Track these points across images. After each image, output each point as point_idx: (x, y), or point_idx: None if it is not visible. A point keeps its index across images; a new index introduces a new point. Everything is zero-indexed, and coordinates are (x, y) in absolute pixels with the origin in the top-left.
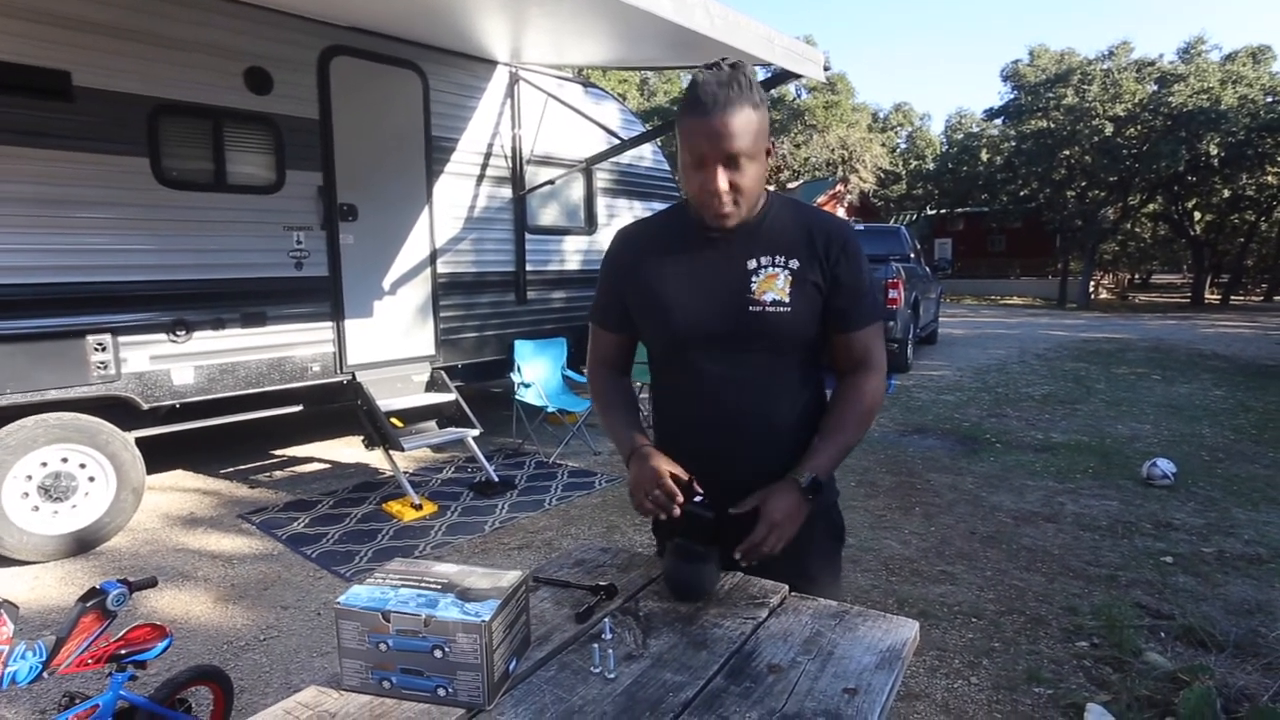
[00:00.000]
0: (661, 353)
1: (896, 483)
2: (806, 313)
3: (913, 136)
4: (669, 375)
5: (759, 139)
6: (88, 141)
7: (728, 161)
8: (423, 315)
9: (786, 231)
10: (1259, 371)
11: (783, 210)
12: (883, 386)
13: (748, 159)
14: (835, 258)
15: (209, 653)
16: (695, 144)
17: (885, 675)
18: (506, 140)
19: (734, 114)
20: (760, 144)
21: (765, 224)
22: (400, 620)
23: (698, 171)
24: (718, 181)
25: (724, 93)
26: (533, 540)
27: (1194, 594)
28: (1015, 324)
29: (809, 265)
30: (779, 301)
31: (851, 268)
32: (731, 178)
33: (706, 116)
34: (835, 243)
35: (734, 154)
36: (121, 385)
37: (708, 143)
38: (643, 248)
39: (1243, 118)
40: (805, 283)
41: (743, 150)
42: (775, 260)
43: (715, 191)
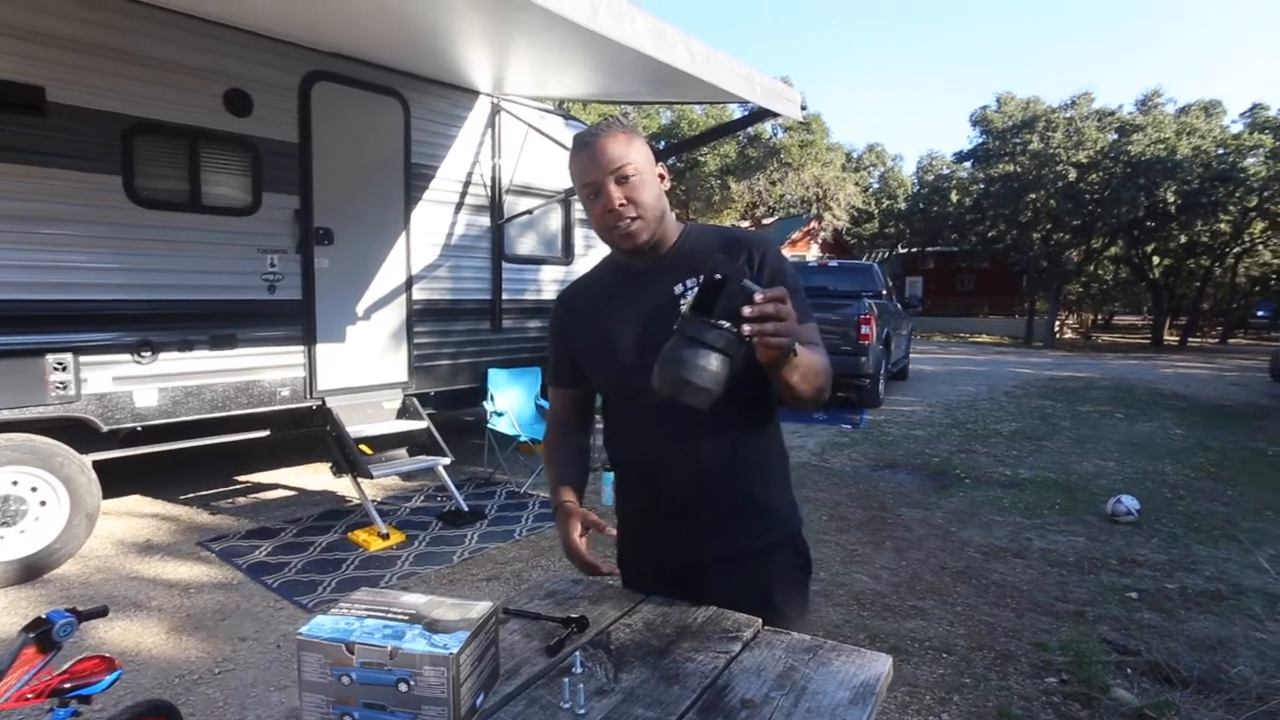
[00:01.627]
0: (612, 395)
1: (868, 517)
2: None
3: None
4: (620, 416)
5: (642, 159)
6: (59, 158)
7: (617, 178)
8: (396, 341)
9: (707, 251)
10: (1216, 411)
11: (702, 235)
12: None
13: (636, 173)
14: (758, 264)
15: (160, 686)
16: (585, 176)
17: (859, 711)
18: (486, 169)
19: (609, 139)
20: (645, 163)
21: (685, 249)
22: (365, 652)
23: (596, 201)
24: (613, 199)
25: (596, 129)
26: (502, 571)
27: (1159, 630)
28: (984, 361)
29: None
30: None
31: (776, 270)
32: (625, 192)
33: (586, 149)
34: (756, 250)
35: (621, 170)
36: (81, 406)
37: (594, 167)
38: (579, 302)
39: (1197, 167)
40: None
41: (630, 165)
42: (700, 280)
43: (613, 208)
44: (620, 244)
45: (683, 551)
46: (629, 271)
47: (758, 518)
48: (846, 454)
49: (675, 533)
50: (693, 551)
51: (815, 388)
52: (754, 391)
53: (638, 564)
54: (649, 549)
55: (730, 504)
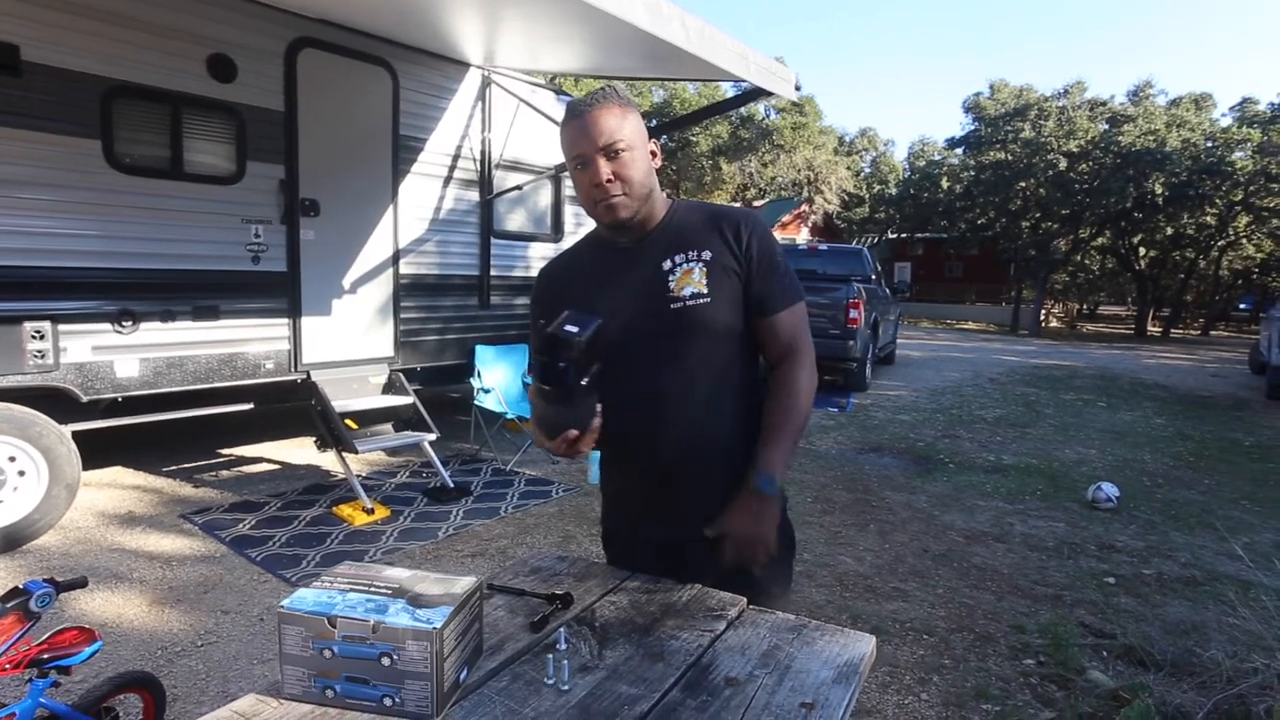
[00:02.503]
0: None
1: (852, 500)
2: (726, 300)
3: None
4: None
5: (634, 134)
6: (35, 120)
7: (607, 153)
8: (383, 316)
9: (694, 227)
10: (1196, 402)
11: (688, 211)
12: (814, 371)
13: (627, 148)
14: (746, 240)
15: (141, 658)
16: (575, 147)
17: (843, 690)
18: (476, 143)
19: (603, 111)
20: (637, 138)
21: (673, 225)
22: (347, 625)
23: (583, 172)
24: (600, 173)
25: (590, 99)
26: (487, 548)
27: (1135, 614)
28: (969, 348)
29: (721, 253)
30: (698, 294)
31: (764, 248)
32: (614, 168)
33: (578, 119)
34: (744, 227)
35: (610, 145)
36: (60, 376)
37: (584, 139)
38: (562, 277)
39: (1185, 160)
40: (721, 270)
41: (619, 140)
42: (688, 255)
43: (600, 182)
44: (603, 218)
45: (668, 529)
46: (615, 247)
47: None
48: (832, 437)
49: (661, 510)
50: (678, 528)
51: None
52: (740, 371)
53: (623, 541)
54: (634, 526)
55: (716, 481)
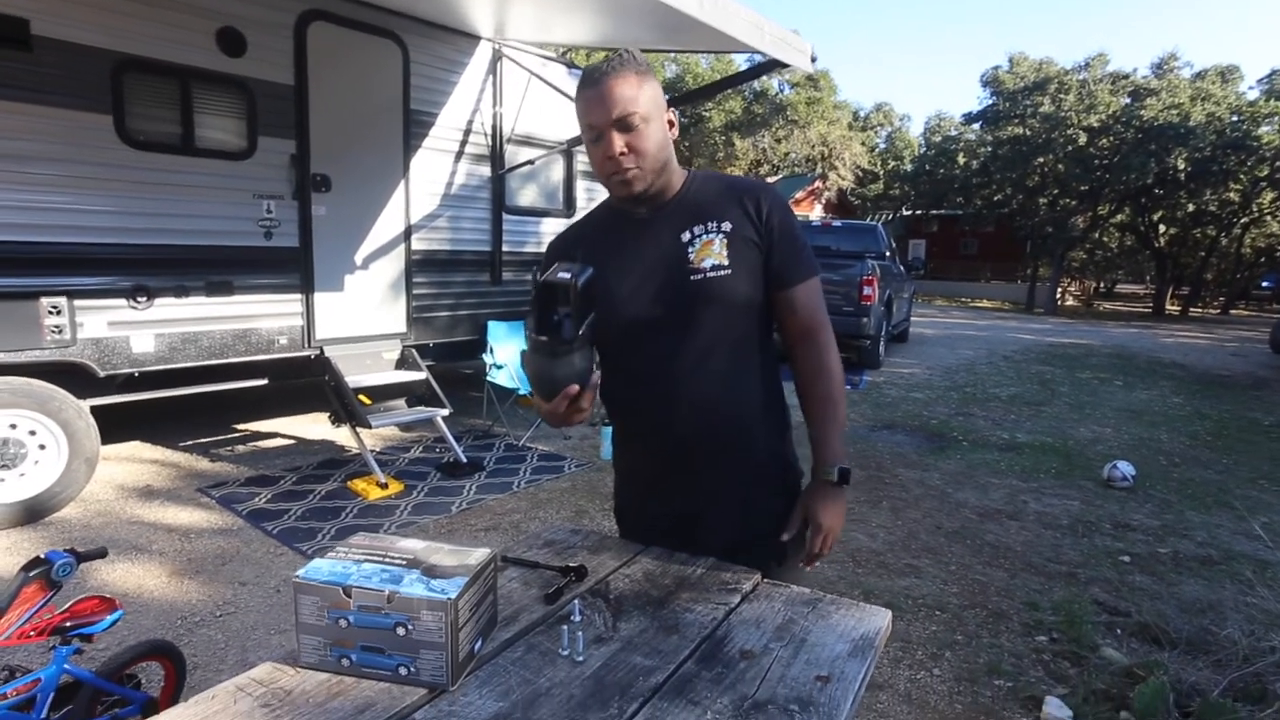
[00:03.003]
0: (611, 343)
1: (865, 477)
2: (746, 272)
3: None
4: (621, 364)
5: (650, 103)
6: (47, 94)
7: (621, 125)
8: (395, 292)
9: (712, 199)
10: (1214, 381)
11: (705, 182)
12: (832, 342)
13: (642, 120)
14: (766, 212)
15: (162, 628)
16: (588, 117)
17: (858, 663)
18: (487, 118)
19: (619, 80)
20: (653, 108)
21: (691, 196)
22: (362, 596)
23: (597, 145)
24: (614, 145)
25: (606, 66)
26: (500, 522)
27: (1149, 592)
28: (984, 326)
29: (741, 224)
30: (719, 265)
31: (784, 220)
32: (628, 140)
33: (591, 88)
34: (764, 199)
35: (625, 117)
36: (77, 351)
37: (598, 110)
38: (576, 248)
39: (1210, 134)
40: (741, 241)
41: (634, 112)
42: (708, 227)
43: (613, 155)
44: (616, 191)
45: (683, 502)
46: (630, 218)
47: (759, 468)
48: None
49: (676, 484)
50: (693, 502)
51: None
52: (756, 343)
53: (636, 515)
54: (649, 500)
55: (732, 454)
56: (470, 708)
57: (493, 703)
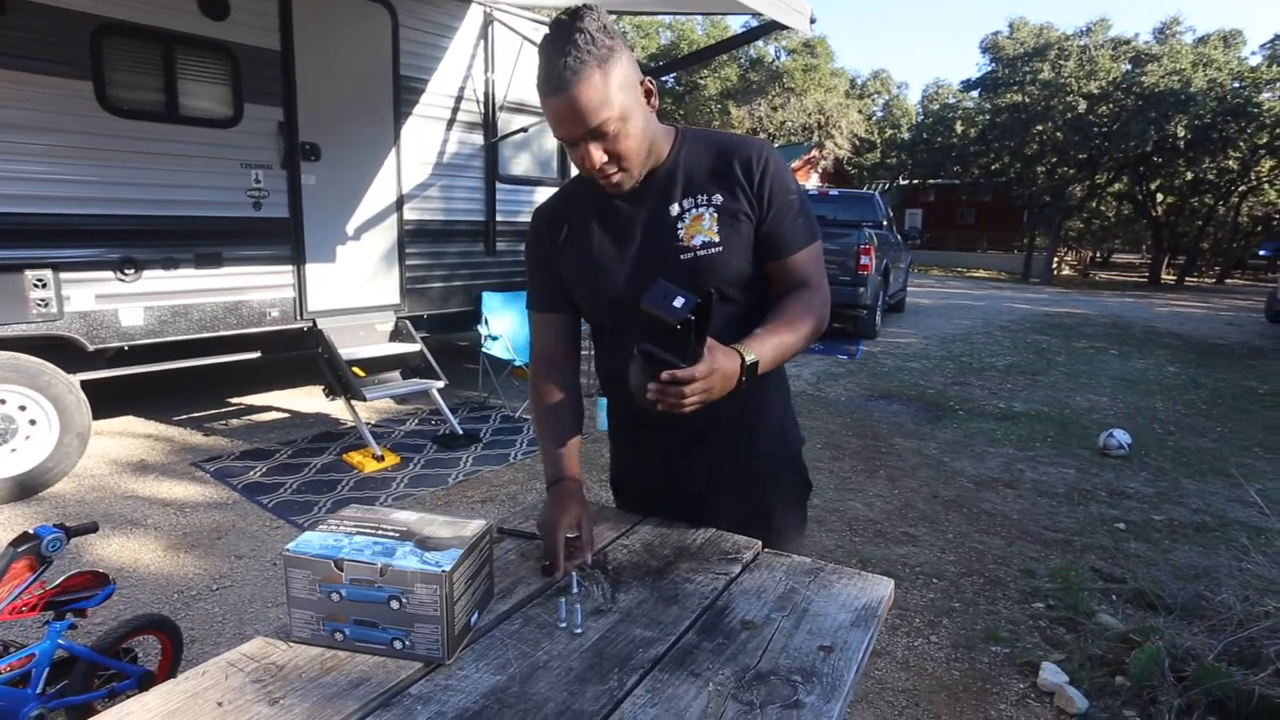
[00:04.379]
0: (600, 322)
1: (862, 446)
2: (739, 247)
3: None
4: (611, 346)
5: (622, 94)
6: (23, 60)
7: (594, 136)
8: (388, 263)
9: (702, 167)
10: (1209, 350)
11: (695, 145)
12: (826, 306)
13: (618, 122)
14: (758, 179)
15: (158, 602)
16: (558, 126)
17: (861, 633)
18: (479, 84)
19: (581, 86)
20: (626, 98)
21: (679, 165)
22: (354, 569)
23: (574, 150)
24: (593, 158)
25: (562, 63)
26: (497, 494)
27: (1145, 559)
28: (980, 295)
29: (732, 196)
30: (709, 242)
31: (778, 185)
32: (607, 147)
33: (556, 96)
34: (756, 162)
35: (597, 128)
36: (64, 325)
37: (569, 124)
38: (562, 217)
39: (1210, 101)
40: (733, 215)
41: (607, 120)
42: (698, 200)
43: (594, 168)
44: (605, 189)
45: (681, 474)
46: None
47: (759, 438)
48: (842, 384)
49: (674, 456)
50: (692, 474)
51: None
52: (752, 312)
53: (634, 487)
54: (646, 472)
55: (730, 425)
56: (467, 681)
57: (490, 676)
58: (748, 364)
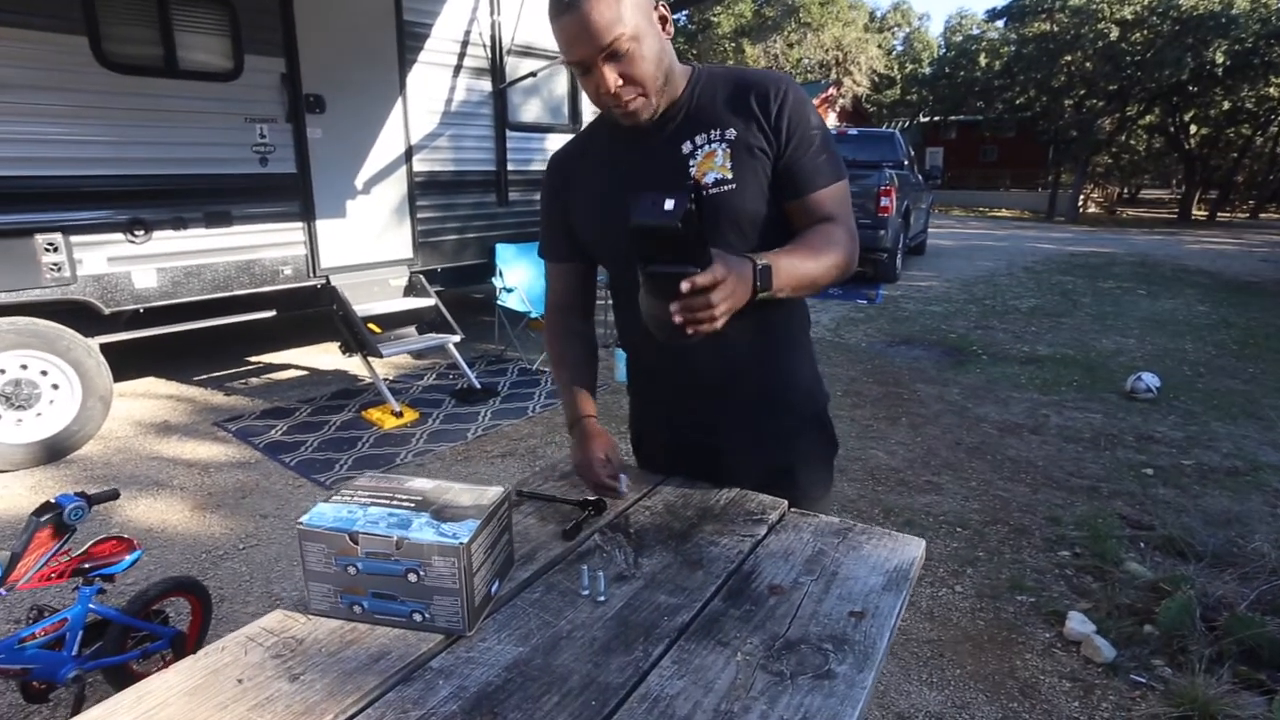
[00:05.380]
0: (614, 267)
1: (883, 393)
2: (755, 184)
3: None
4: (626, 293)
5: (635, 14)
6: (12, 14)
7: (609, 56)
8: (399, 216)
9: (717, 102)
10: (1241, 288)
11: (711, 82)
12: (854, 244)
13: (632, 42)
14: (775, 111)
15: (187, 562)
16: (570, 52)
17: (893, 597)
18: (485, 28)
19: (594, 2)
20: (640, 19)
21: (694, 102)
22: (369, 542)
23: (587, 76)
24: (608, 81)
25: None
26: (516, 448)
27: (1174, 505)
28: (1003, 236)
29: (748, 130)
30: (722, 180)
31: (796, 117)
32: (622, 70)
33: (566, 15)
34: (774, 95)
35: (611, 45)
36: (79, 288)
37: (581, 44)
38: (573, 165)
39: (1253, 24)
40: (747, 150)
41: (621, 37)
42: (710, 136)
43: (609, 91)
44: (621, 121)
45: (704, 432)
46: (630, 130)
47: (783, 394)
48: (862, 329)
49: (695, 413)
50: (715, 432)
51: (815, 290)
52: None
53: (652, 444)
54: (668, 429)
55: (754, 381)
56: (489, 653)
57: (512, 647)
58: (760, 268)
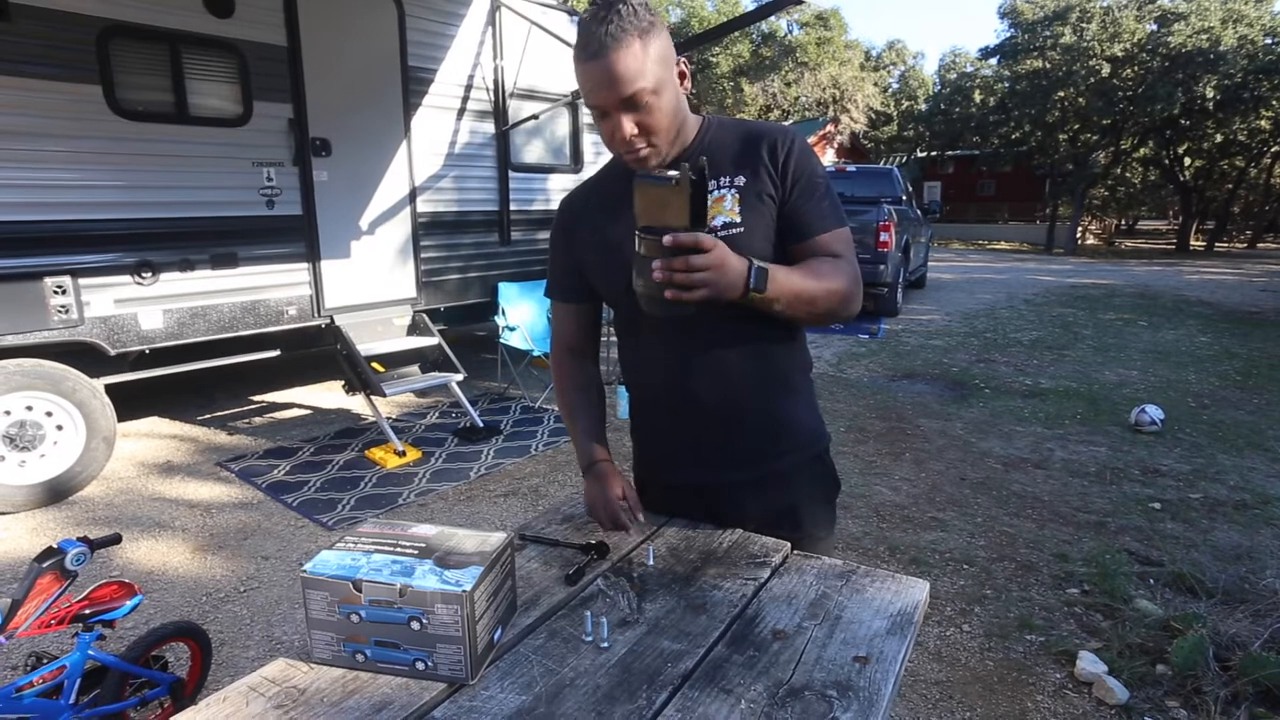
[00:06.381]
0: (621, 308)
1: (886, 428)
2: (762, 228)
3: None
4: (631, 332)
5: (658, 67)
6: (30, 65)
7: (628, 105)
8: (403, 256)
9: (726, 150)
10: (1243, 318)
11: (720, 131)
12: (857, 279)
13: (651, 94)
14: (782, 160)
15: (187, 605)
16: (591, 96)
17: (897, 642)
18: (488, 72)
19: (620, 53)
20: (662, 72)
21: (704, 148)
22: (373, 590)
23: (604, 121)
24: (624, 129)
25: (603, 30)
26: (519, 487)
27: (1183, 540)
28: (1003, 269)
29: (755, 177)
30: (730, 223)
31: (803, 167)
32: (638, 120)
33: (592, 62)
34: (781, 145)
35: (631, 97)
36: (86, 330)
37: (602, 91)
38: (584, 206)
39: (1241, 59)
40: (756, 196)
41: (642, 89)
42: (720, 182)
43: (624, 139)
44: (631, 166)
45: (706, 472)
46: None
47: (785, 436)
48: (864, 364)
49: (698, 454)
50: (717, 473)
51: (813, 314)
52: None
53: (657, 484)
54: (669, 470)
55: (755, 422)
56: (492, 702)
57: (515, 696)
58: (755, 268)
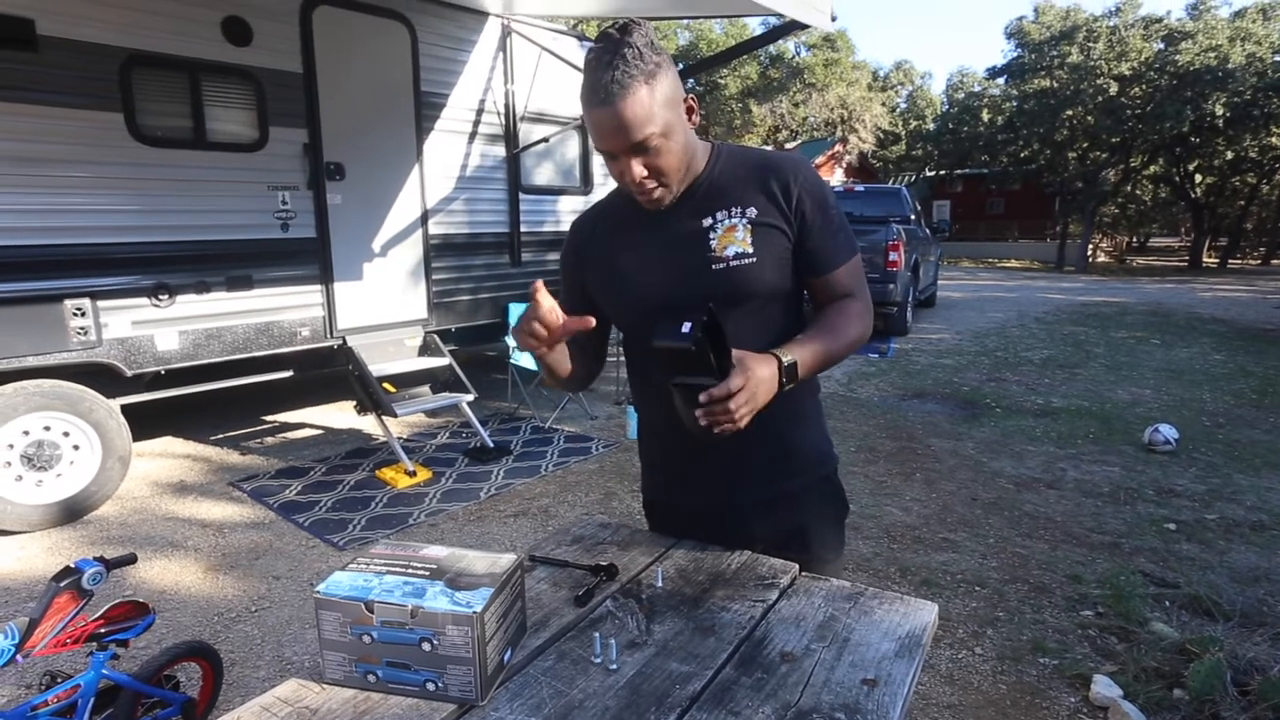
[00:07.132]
0: (630, 333)
1: (897, 448)
2: (772, 260)
3: (913, 96)
4: (642, 355)
5: (666, 111)
6: (56, 95)
7: (637, 150)
8: (414, 278)
9: (738, 181)
10: (1258, 335)
11: (730, 160)
12: (869, 315)
13: (660, 138)
14: (796, 195)
15: (199, 625)
16: (600, 141)
17: (906, 664)
18: (499, 96)
19: (627, 101)
20: (670, 114)
21: (715, 178)
22: (385, 611)
23: (614, 162)
24: (634, 173)
25: (609, 77)
26: (529, 507)
27: (1199, 562)
28: (1013, 287)
29: (767, 209)
30: (742, 254)
31: (816, 203)
32: (648, 162)
33: (601, 108)
34: (794, 181)
35: (640, 143)
36: (103, 351)
37: (612, 137)
38: (594, 230)
39: (1250, 77)
40: (767, 227)
41: (650, 135)
42: (731, 212)
43: (634, 182)
44: (642, 203)
45: (715, 494)
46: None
47: (793, 458)
48: (874, 384)
49: (706, 476)
50: (726, 494)
51: (834, 364)
52: (783, 332)
53: (665, 508)
54: (678, 491)
55: (764, 444)
56: None
57: (525, 717)
58: (786, 365)
